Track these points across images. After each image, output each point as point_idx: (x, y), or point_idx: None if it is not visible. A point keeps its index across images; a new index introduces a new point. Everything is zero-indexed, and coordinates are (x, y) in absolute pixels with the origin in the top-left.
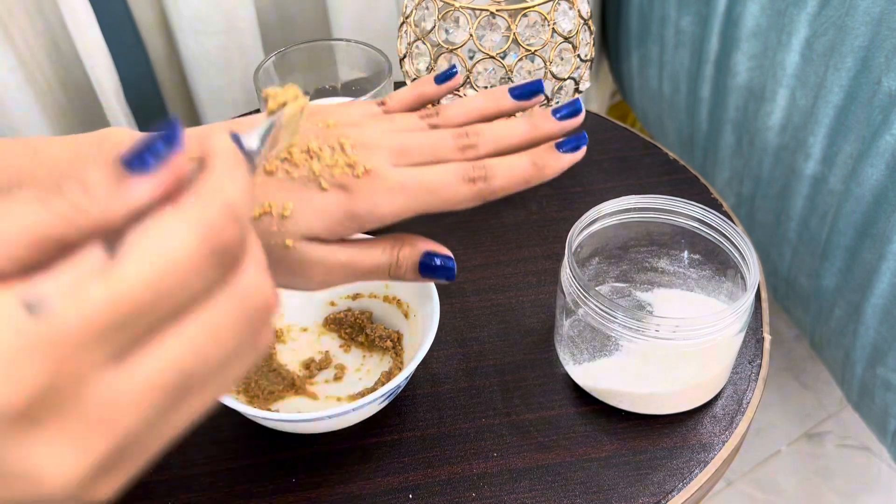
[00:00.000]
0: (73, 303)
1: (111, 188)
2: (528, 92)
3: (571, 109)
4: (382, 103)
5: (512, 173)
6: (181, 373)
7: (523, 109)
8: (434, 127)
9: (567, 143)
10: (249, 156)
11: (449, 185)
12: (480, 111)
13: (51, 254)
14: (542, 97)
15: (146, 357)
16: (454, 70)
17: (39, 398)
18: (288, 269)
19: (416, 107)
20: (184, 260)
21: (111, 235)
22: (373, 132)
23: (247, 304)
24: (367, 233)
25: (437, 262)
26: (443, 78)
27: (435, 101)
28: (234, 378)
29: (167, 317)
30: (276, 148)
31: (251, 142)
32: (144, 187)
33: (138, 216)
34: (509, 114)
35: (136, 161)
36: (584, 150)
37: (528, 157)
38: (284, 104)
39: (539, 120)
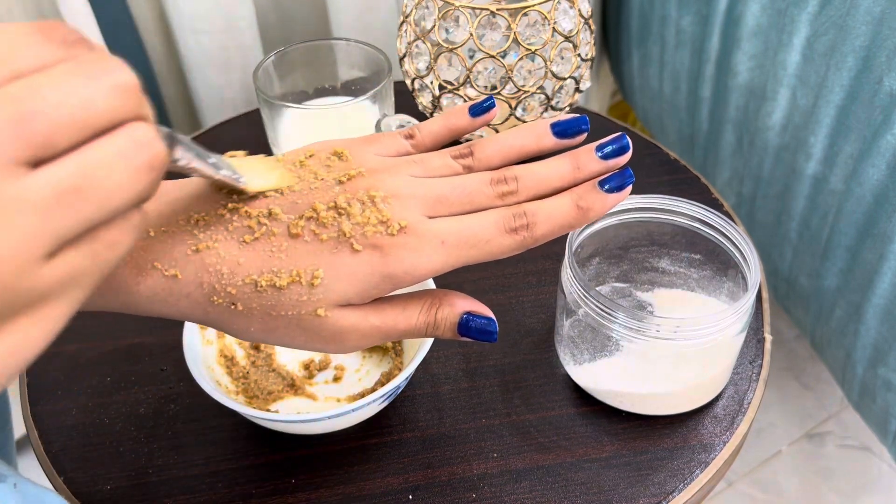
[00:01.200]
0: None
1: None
2: (571, 130)
3: (618, 147)
4: (411, 136)
5: (555, 220)
6: (72, 185)
7: (565, 149)
8: (468, 168)
9: (611, 179)
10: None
11: (490, 238)
12: (519, 151)
13: None
14: (585, 136)
15: (46, 169)
16: (491, 102)
17: None
18: (320, 337)
19: (448, 140)
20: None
21: None
22: (405, 181)
23: (134, 149)
24: None
25: (477, 323)
26: (478, 110)
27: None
28: (124, 215)
29: (68, 145)
30: (215, 176)
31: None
32: None
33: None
34: (550, 153)
35: None
36: (629, 188)
37: (571, 199)
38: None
39: (583, 160)
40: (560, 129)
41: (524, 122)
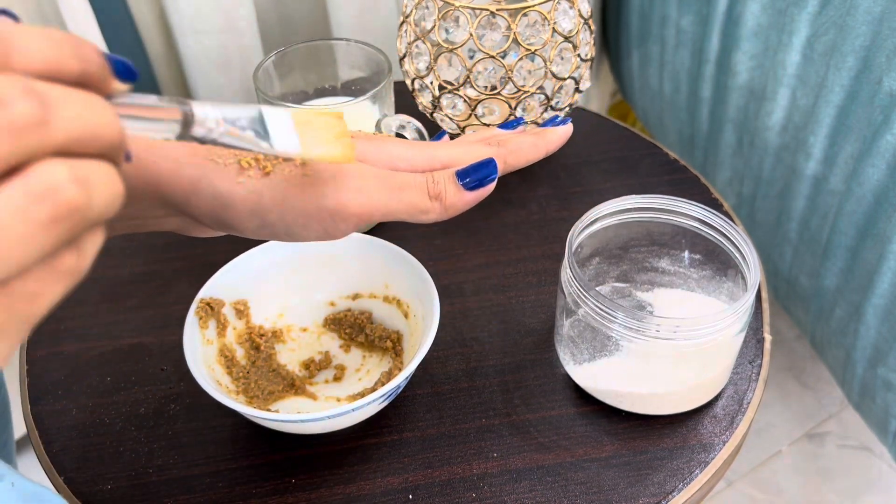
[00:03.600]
0: None
1: None
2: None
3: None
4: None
5: (520, 142)
6: None
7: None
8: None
9: (551, 121)
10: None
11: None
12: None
13: None
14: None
15: None
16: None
17: None
18: (320, 180)
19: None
20: None
21: None
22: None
23: (29, 202)
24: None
25: (472, 165)
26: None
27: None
28: (47, 263)
29: None
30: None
31: (203, 111)
32: None
33: None
34: None
35: None
36: (570, 125)
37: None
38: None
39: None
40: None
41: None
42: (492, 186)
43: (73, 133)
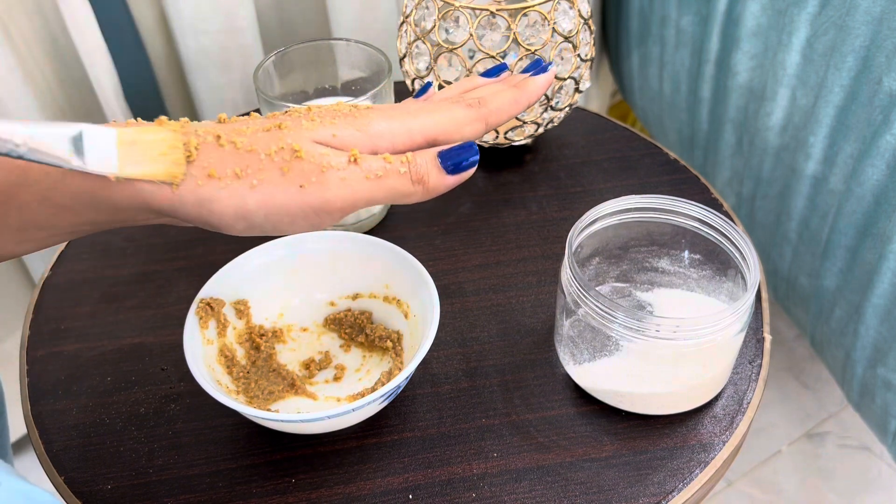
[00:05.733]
0: None
1: None
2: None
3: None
4: None
5: (500, 101)
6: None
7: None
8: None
9: (531, 66)
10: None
11: (454, 113)
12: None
13: None
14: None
15: None
16: (428, 85)
17: None
18: (300, 176)
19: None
20: None
21: None
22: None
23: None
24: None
25: (455, 149)
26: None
27: None
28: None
29: None
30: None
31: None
32: None
33: None
34: None
35: None
36: (552, 71)
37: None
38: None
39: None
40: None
41: (523, 121)
42: (472, 170)
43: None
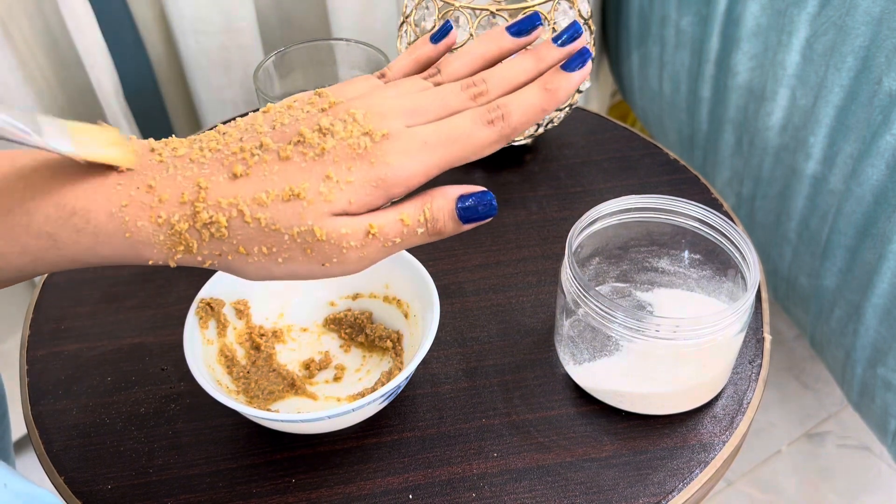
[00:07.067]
0: None
1: None
2: (527, 27)
3: (571, 32)
4: (382, 75)
5: (526, 106)
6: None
7: (525, 46)
8: (439, 84)
9: (572, 61)
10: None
11: (469, 132)
12: (483, 57)
13: None
14: (541, 29)
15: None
16: (448, 26)
17: None
18: (322, 256)
19: (417, 70)
20: None
21: None
22: (381, 100)
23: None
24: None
25: (472, 200)
26: (438, 36)
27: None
28: None
29: None
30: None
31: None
32: None
33: None
34: (512, 53)
35: None
36: (590, 63)
37: (538, 85)
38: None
39: (542, 52)
40: (516, 29)
41: None
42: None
43: None
